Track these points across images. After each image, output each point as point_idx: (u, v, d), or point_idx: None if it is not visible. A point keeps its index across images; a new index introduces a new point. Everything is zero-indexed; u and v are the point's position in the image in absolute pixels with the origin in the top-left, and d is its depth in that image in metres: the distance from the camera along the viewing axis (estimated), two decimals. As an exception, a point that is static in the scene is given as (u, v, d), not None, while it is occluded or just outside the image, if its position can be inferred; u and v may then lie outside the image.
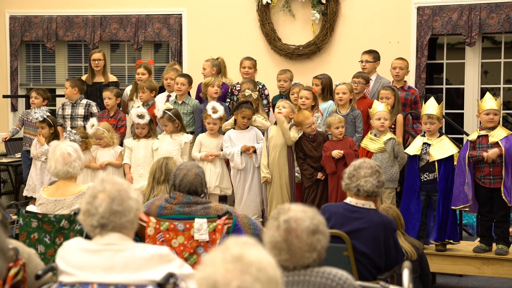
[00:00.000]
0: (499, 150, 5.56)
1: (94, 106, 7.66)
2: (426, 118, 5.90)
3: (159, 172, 5.10)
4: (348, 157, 6.16)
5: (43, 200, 4.32)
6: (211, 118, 6.71)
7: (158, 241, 3.93)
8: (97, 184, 2.84)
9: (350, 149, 6.27)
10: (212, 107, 6.72)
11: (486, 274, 5.82)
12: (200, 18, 9.23)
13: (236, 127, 6.79)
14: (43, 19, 9.74)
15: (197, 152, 6.83)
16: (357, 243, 3.88)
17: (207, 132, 6.87)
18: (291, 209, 2.59)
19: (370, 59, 7.39)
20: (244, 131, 6.75)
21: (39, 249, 4.08)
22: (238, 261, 1.84)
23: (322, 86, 7.29)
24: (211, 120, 6.73)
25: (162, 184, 5.07)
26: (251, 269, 1.83)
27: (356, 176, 3.88)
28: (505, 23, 8.09)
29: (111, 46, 9.88)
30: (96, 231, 2.78)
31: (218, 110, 6.71)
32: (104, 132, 6.91)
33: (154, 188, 5.06)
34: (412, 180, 5.96)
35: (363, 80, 7.02)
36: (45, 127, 7.30)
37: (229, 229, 3.97)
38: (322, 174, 6.40)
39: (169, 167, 5.08)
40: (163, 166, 5.12)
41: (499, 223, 5.74)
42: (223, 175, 6.79)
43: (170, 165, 5.11)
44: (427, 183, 5.91)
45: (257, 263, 1.85)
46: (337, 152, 6.25)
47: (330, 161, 6.27)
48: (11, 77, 9.94)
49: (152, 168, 5.25)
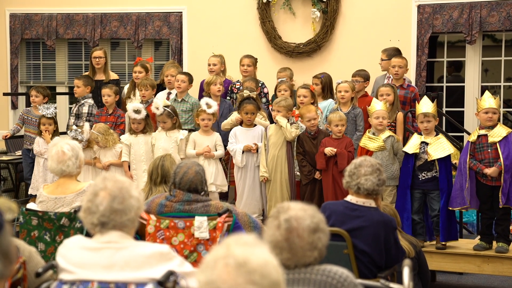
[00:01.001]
0: (499, 168, 5.60)
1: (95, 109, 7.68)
2: (423, 117, 5.90)
3: (156, 174, 5.02)
4: (340, 157, 6.17)
5: (43, 198, 4.31)
6: (206, 113, 6.70)
7: (158, 239, 3.93)
8: (98, 181, 2.83)
9: (345, 149, 6.26)
10: (205, 103, 6.71)
11: (486, 272, 5.82)
12: (200, 16, 9.22)
13: (243, 125, 6.79)
14: (43, 17, 9.73)
15: (191, 149, 6.79)
16: (358, 241, 3.88)
17: (201, 130, 6.84)
18: (290, 207, 2.58)
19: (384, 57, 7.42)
20: (250, 129, 6.75)
21: (39, 247, 4.08)
22: (241, 267, 1.82)
23: (322, 85, 7.30)
24: (206, 116, 6.71)
25: (159, 185, 4.98)
26: (255, 276, 1.81)
27: (356, 174, 3.88)
28: (506, 21, 8.09)
29: (111, 44, 9.88)
30: (97, 229, 2.77)
31: (212, 105, 6.71)
32: (98, 137, 6.91)
33: (152, 190, 4.99)
34: (405, 178, 5.96)
35: (362, 78, 7.02)
36: (51, 123, 7.34)
37: (229, 227, 3.97)
38: (320, 174, 6.40)
39: (165, 168, 5.00)
40: (159, 167, 5.02)
41: (499, 221, 5.74)
42: (217, 172, 6.78)
43: (166, 165, 5.02)
44: (424, 181, 5.91)
45: (260, 268, 1.83)
46: (329, 150, 6.24)
47: (322, 157, 6.27)
48: (11, 75, 9.94)
49: (149, 169, 5.17)
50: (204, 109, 6.67)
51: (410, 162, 5.92)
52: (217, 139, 6.83)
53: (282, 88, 7.16)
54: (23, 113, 8.15)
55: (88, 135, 6.93)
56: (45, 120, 7.34)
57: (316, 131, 6.51)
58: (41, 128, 7.37)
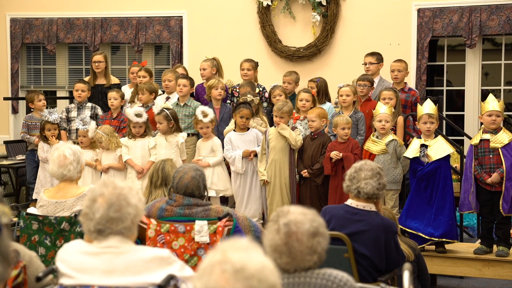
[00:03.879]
0: (500, 174, 5.59)
1: (99, 109, 7.70)
2: (427, 118, 5.88)
3: (156, 176, 5.07)
4: (346, 160, 6.16)
5: (43, 202, 4.32)
6: (202, 122, 6.71)
7: (158, 243, 3.93)
8: (97, 187, 2.83)
9: (351, 152, 6.26)
10: (201, 112, 6.72)
11: (487, 276, 5.82)
12: (200, 20, 9.24)
13: (236, 129, 6.78)
14: (43, 22, 9.75)
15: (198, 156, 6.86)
16: (358, 245, 3.88)
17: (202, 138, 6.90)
18: (290, 211, 2.58)
19: (373, 61, 7.39)
20: (245, 133, 6.75)
21: (39, 251, 4.08)
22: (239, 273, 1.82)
23: (317, 89, 7.30)
24: (203, 125, 6.73)
25: (159, 188, 5.03)
26: (253, 282, 1.82)
27: (356, 178, 3.88)
28: (506, 25, 8.10)
29: (111, 48, 9.89)
30: (93, 236, 2.77)
31: (208, 113, 6.72)
32: (103, 136, 6.94)
33: (152, 192, 5.04)
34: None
35: (369, 82, 7.02)
36: (56, 128, 7.41)
37: (229, 231, 3.97)
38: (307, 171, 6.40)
39: (166, 171, 5.04)
40: (160, 170, 5.07)
41: (500, 224, 5.74)
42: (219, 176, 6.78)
43: (167, 168, 5.06)
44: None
45: (258, 273, 1.83)
46: (335, 154, 6.24)
47: (328, 163, 6.27)
48: (12, 80, 9.96)
49: (150, 171, 5.25)
50: (201, 119, 6.69)
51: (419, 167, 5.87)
52: (214, 144, 6.83)
53: (276, 93, 7.17)
54: (26, 120, 8.09)
55: (94, 133, 6.95)
56: (50, 125, 7.37)
57: (318, 133, 6.51)
58: (46, 134, 7.38)
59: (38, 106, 7.86)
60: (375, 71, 7.39)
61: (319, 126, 6.46)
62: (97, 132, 6.97)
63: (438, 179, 5.78)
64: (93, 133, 6.98)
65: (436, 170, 5.77)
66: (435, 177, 5.78)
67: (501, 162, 5.61)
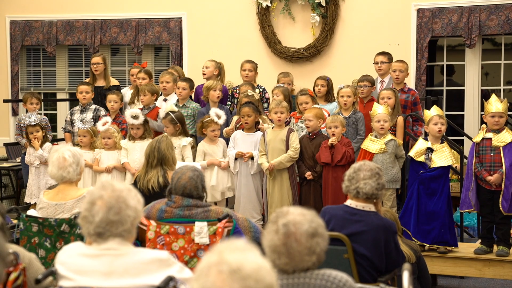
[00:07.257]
0: (501, 175, 5.59)
1: (103, 110, 7.70)
2: (438, 118, 5.87)
3: (152, 157, 5.27)
4: (336, 150, 6.21)
5: (43, 204, 4.31)
6: (216, 125, 6.70)
7: (158, 245, 3.93)
8: (96, 189, 2.81)
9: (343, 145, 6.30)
10: (215, 114, 6.71)
11: (487, 276, 5.82)
12: (200, 22, 9.24)
13: (244, 129, 6.79)
14: (43, 24, 9.76)
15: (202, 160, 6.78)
16: (358, 245, 3.88)
17: (207, 139, 6.82)
18: (289, 212, 2.59)
19: (385, 60, 7.39)
20: (250, 134, 6.74)
21: (39, 254, 4.08)
22: (235, 274, 1.82)
23: (327, 88, 7.30)
24: (216, 127, 6.72)
25: (155, 168, 5.24)
26: (250, 282, 1.82)
27: (355, 179, 3.88)
28: (505, 25, 8.10)
29: (111, 50, 9.90)
30: (93, 238, 2.77)
31: (220, 115, 6.73)
32: (115, 132, 6.97)
33: (148, 172, 5.25)
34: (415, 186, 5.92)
35: (369, 83, 7.02)
36: (39, 130, 7.26)
37: (229, 232, 3.97)
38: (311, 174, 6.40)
39: (161, 150, 5.26)
40: (156, 150, 5.27)
41: (500, 224, 5.74)
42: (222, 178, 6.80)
43: (162, 147, 5.27)
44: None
45: (254, 273, 1.84)
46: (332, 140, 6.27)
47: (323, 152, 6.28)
48: (12, 82, 9.96)
49: (146, 151, 5.38)
50: (216, 121, 6.67)
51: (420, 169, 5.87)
52: (225, 146, 6.85)
53: (275, 92, 7.19)
54: (18, 122, 8.09)
55: (106, 127, 6.96)
56: (31, 128, 7.25)
57: (316, 133, 6.52)
58: (30, 137, 7.29)
59: (30, 108, 7.81)
60: (386, 70, 7.38)
61: (316, 126, 6.47)
62: (109, 127, 6.97)
63: (437, 187, 5.79)
64: (106, 127, 6.96)
65: (438, 177, 5.79)
66: (435, 184, 5.80)
67: (501, 161, 5.61)
